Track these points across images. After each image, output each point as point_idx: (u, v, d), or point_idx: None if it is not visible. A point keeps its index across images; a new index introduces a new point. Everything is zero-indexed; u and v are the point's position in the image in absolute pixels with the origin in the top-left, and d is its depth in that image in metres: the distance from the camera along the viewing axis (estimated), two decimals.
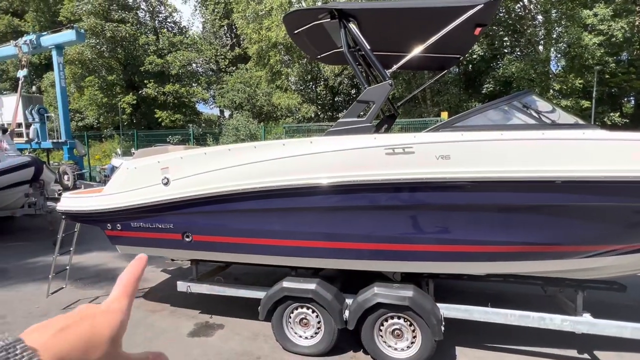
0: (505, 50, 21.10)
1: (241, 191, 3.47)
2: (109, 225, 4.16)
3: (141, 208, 3.88)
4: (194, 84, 26.75)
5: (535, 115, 3.13)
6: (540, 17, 19.97)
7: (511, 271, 3.36)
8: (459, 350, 3.63)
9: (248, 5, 23.58)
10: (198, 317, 4.43)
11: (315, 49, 4.85)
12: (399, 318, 3.36)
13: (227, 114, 29.78)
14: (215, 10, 30.09)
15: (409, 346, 3.36)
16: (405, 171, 3.03)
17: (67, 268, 4.98)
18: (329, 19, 3.77)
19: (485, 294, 4.48)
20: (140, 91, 24.87)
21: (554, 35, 19.06)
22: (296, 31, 4.07)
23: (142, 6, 27.06)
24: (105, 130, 24.51)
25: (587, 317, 3.26)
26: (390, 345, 3.40)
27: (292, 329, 3.70)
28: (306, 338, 3.65)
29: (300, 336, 3.66)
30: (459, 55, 4.87)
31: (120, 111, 22.29)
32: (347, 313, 3.50)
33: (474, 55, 19.18)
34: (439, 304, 3.42)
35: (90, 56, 22.92)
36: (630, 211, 2.87)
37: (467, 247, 3.16)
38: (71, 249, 4.97)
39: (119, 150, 14.40)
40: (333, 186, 3.17)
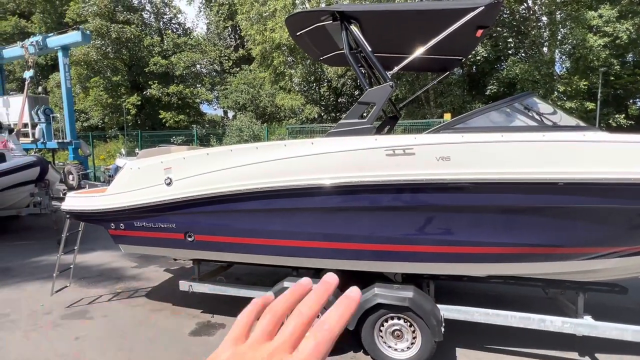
0: (509, 52, 21.02)
1: (243, 191, 3.49)
2: (112, 224, 4.20)
3: (144, 208, 3.92)
4: (198, 85, 26.89)
5: (537, 117, 3.13)
6: (544, 19, 19.90)
7: (512, 273, 3.36)
8: (459, 352, 3.63)
9: (252, 7, 23.68)
10: (200, 317, 4.46)
11: (317, 51, 4.87)
12: (399, 319, 3.37)
13: (231, 114, 29.93)
14: (220, 11, 30.25)
15: (409, 347, 3.37)
16: (405, 172, 3.04)
17: (71, 267, 5.03)
18: (331, 21, 3.79)
19: (486, 295, 4.48)
20: (144, 92, 25.04)
21: (559, 37, 18.99)
22: (298, 33, 4.10)
23: (147, 7, 27.28)
24: (109, 131, 24.70)
25: (588, 320, 3.25)
26: (390, 346, 3.41)
27: None
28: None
29: None
30: (461, 57, 4.88)
31: (124, 112, 22.48)
32: None
33: (478, 57, 19.12)
34: (439, 305, 3.43)
35: (96, 57, 23.13)
36: (632, 213, 2.86)
37: (467, 249, 3.17)
38: (75, 248, 5.02)
39: (123, 151, 14.51)
40: (334, 187, 3.19)
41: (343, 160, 3.20)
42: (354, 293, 0.38)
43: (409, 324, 3.34)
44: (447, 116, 12.37)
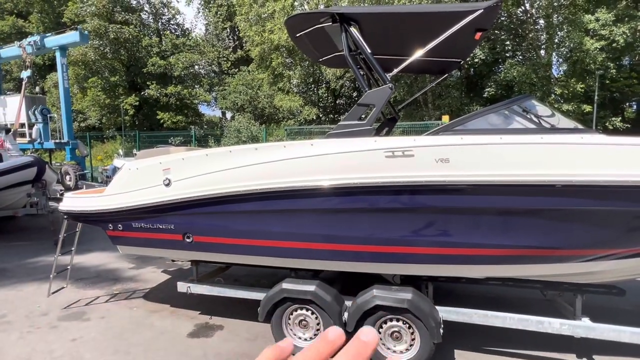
0: (507, 55, 21.12)
1: (242, 193, 3.49)
2: (110, 225, 4.19)
3: (142, 209, 3.91)
4: (196, 86, 26.86)
5: (535, 119, 3.15)
6: (542, 22, 20.02)
7: (510, 274, 3.37)
8: (457, 354, 3.63)
9: (251, 8, 23.70)
10: (198, 318, 4.45)
11: (316, 52, 4.88)
12: (397, 320, 3.37)
13: (229, 115, 29.89)
14: (218, 12, 30.24)
15: (407, 349, 3.37)
16: (404, 174, 3.05)
17: (68, 268, 5.01)
18: (331, 23, 3.81)
19: (484, 297, 4.49)
20: (142, 92, 24.98)
21: (556, 40, 19.10)
22: (298, 35, 4.11)
23: (146, 8, 27.23)
24: (107, 131, 24.61)
25: (586, 321, 3.26)
26: (389, 348, 3.41)
27: (292, 330, 3.71)
28: (305, 340, 3.66)
29: (300, 337, 3.67)
30: (459, 60, 4.90)
31: (122, 112, 22.40)
32: (346, 315, 3.51)
33: (476, 59, 19.20)
34: (438, 307, 3.43)
35: (94, 57, 23.05)
36: (629, 216, 2.88)
37: (466, 250, 3.18)
38: (72, 249, 5.00)
39: (120, 151, 14.45)
40: (333, 188, 3.19)
41: (342, 161, 3.20)
42: (369, 337, 0.33)
43: (407, 325, 3.34)
44: (445, 118, 12.41)
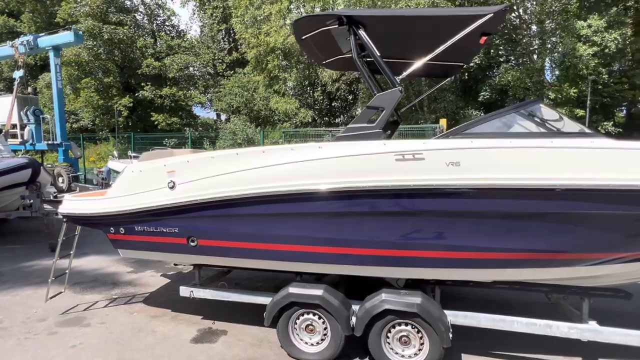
0: (501, 59, 21.40)
1: (248, 196, 3.45)
2: (112, 228, 4.11)
3: (146, 212, 3.84)
4: (191, 88, 26.70)
5: (543, 123, 3.17)
6: (534, 27, 20.33)
7: (518, 278, 3.37)
8: (465, 358, 3.62)
9: (247, 11, 23.67)
10: (201, 323, 4.37)
11: (320, 55, 4.88)
12: (406, 325, 3.35)
13: (224, 117, 29.74)
14: (214, 14, 30.15)
15: (416, 353, 3.34)
16: (415, 177, 3.04)
17: (67, 272, 4.90)
18: (337, 26, 3.80)
19: (486, 300, 4.49)
20: (136, 94, 24.76)
21: (548, 46, 19.41)
22: (304, 37, 4.10)
23: (141, 9, 27.05)
24: (100, 133, 24.32)
25: (593, 325, 3.27)
26: (397, 352, 3.38)
27: (298, 335, 3.66)
28: (312, 345, 3.61)
29: (306, 343, 3.63)
30: (463, 63, 4.93)
31: (116, 113, 22.16)
32: (354, 319, 3.48)
33: (471, 64, 19.41)
34: (446, 311, 3.42)
35: (87, 58, 22.79)
36: (636, 220, 2.90)
37: (475, 254, 3.17)
38: (71, 253, 4.89)
39: (115, 153, 14.22)
40: (342, 192, 3.17)
41: (352, 164, 3.18)
42: None
43: (416, 330, 3.32)
44: (443, 121, 12.50)
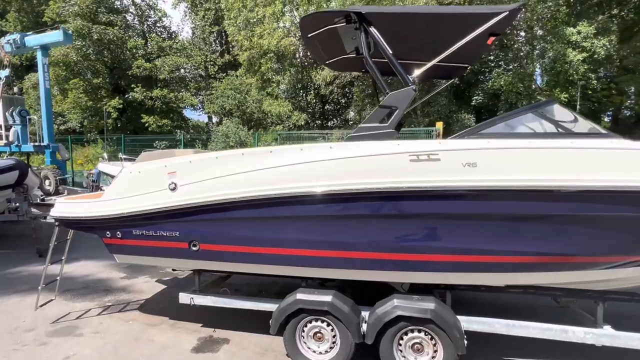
0: (492, 64, 21.64)
1: (255, 198, 3.30)
2: (108, 232, 3.91)
3: (145, 215, 3.66)
4: (182, 90, 26.35)
5: (560, 123, 3.11)
6: (522, 34, 20.65)
7: (533, 282, 3.29)
8: None
9: (240, 13, 23.52)
10: (201, 331, 4.18)
11: (324, 54, 4.78)
12: (419, 332, 3.23)
13: (215, 120, 29.42)
14: (206, 16, 29.89)
15: None
16: (430, 179, 2.94)
17: (58, 279, 4.65)
18: (344, 23, 3.70)
19: (493, 304, 4.41)
20: (126, 95, 24.31)
21: (537, 52, 19.73)
22: (310, 35, 3.98)
23: (131, 10, 26.64)
24: (88, 135, 23.78)
25: (609, 330, 3.20)
26: None
27: (306, 343, 3.51)
28: (320, 353, 3.47)
29: (314, 351, 3.48)
30: (467, 65, 4.88)
31: (105, 115, 21.68)
32: (365, 326, 3.35)
33: None
34: (459, 317, 3.31)
35: (76, 58, 22.28)
36: None
37: (489, 258, 3.08)
38: (63, 258, 4.65)
39: (105, 155, 13.88)
40: (356, 193, 3.05)
41: (364, 165, 3.07)
42: None
43: (430, 337, 3.21)
44: (439, 125, 12.52)
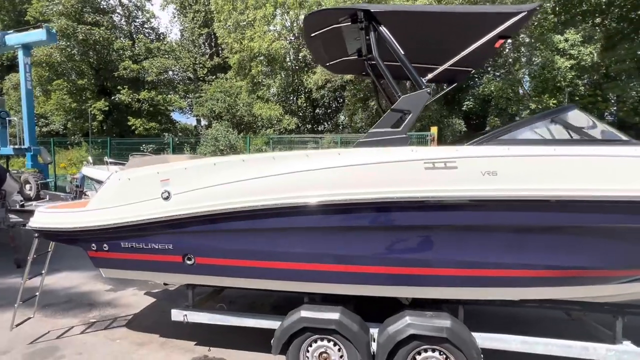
0: (481, 70, 21.87)
1: (257, 208, 3.05)
2: (93, 245, 3.59)
3: (135, 226, 3.36)
4: (170, 92, 25.83)
5: (581, 129, 2.97)
6: (510, 40, 20.95)
7: (552, 296, 3.12)
8: None
9: (230, 15, 23.23)
10: (195, 350, 3.89)
11: (325, 56, 4.59)
12: (433, 351, 3.02)
13: (204, 123, 28.93)
14: (195, 18, 29.47)
15: None
16: (447, 188, 2.75)
17: (37, 294, 4.28)
18: (350, 22, 3.51)
19: (496, 316, 4.25)
20: (113, 97, 23.67)
21: (524, 59, 20.04)
22: (313, 34, 3.77)
23: (118, 10, 26.05)
24: (72, 137, 23.03)
25: (631, 346, 3.06)
26: None
27: None
28: None
29: None
30: (471, 69, 4.75)
31: (90, 117, 21.03)
32: (375, 346, 3.13)
33: None
34: (474, 333, 3.12)
35: (59, 59, 21.59)
36: None
37: (510, 272, 2.91)
38: (43, 272, 4.29)
39: (90, 159, 13.34)
40: (367, 203, 2.83)
41: (377, 173, 2.86)
42: None
43: (444, 356, 3.00)
44: (434, 129, 12.47)
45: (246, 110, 23.55)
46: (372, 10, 3.17)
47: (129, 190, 3.42)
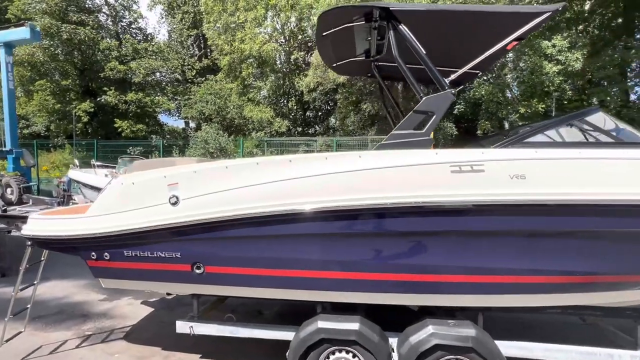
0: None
1: (273, 213, 2.90)
2: (93, 254, 3.36)
3: (140, 233, 3.15)
4: (158, 94, 25.32)
5: (607, 132, 2.92)
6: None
7: (579, 302, 3.05)
8: None
9: (220, 16, 22.94)
10: None
11: (333, 56, 4.49)
12: None
13: (192, 125, 28.46)
14: (184, 19, 29.03)
15: None
16: (474, 192, 2.65)
17: (28, 307, 4.00)
18: (363, 22, 3.41)
19: (510, 322, 4.19)
20: (98, 98, 23.05)
21: (510, 65, 20.44)
22: (325, 33, 3.66)
23: (105, 10, 25.44)
24: (55, 139, 22.30)
25: None
26: None
27: None
28: None
29: None
30: (479, 72, 4.70)
31: (74, 119, 20.41)
32: (396, 357, 3.00)
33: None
34: (497, 341, 3.02)
35: (43, 58, 20.93)
36: None
37: (537, 278, 2.83)
38: (35, 283, 4.01)
39: (76, 162, 12.89)
40: (390, 208, 2.71)
41: (401, 176, 2.74)
42: None
43: None
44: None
45: (237, 113, 23.26)
46: (392, 8, 3.07)
47: (134, 195, 3.22)
